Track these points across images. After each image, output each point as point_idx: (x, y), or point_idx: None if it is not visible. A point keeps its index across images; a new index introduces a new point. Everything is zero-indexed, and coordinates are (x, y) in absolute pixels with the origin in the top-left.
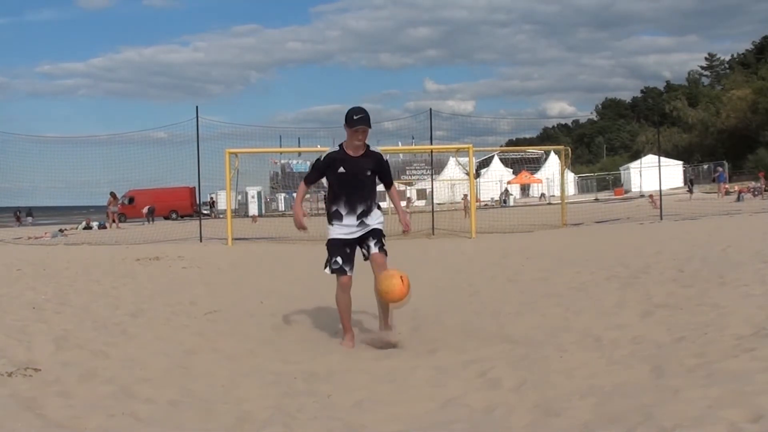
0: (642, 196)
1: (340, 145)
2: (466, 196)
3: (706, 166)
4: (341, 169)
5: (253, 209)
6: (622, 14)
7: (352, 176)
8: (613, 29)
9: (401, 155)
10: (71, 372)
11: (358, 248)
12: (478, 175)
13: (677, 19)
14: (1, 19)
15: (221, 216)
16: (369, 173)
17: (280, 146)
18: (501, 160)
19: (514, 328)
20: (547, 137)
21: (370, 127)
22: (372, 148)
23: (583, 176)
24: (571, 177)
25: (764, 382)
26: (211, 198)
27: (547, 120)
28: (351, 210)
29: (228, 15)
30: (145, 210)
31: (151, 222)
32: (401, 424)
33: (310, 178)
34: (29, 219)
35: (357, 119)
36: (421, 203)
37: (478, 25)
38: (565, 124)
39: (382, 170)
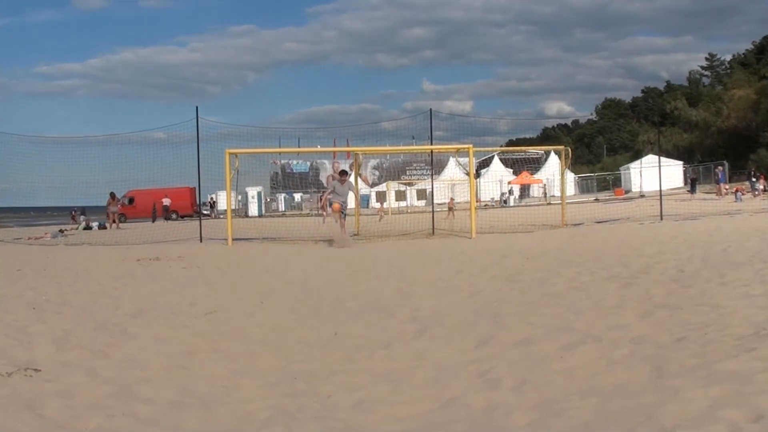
0: (642, 196)
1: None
2: (452, 198)
3: (702, 168)
4: None
5: (253, 209)
6: (618, 15)
7: None
8: (610, 29)
9: (401, 155)
10: (71, 372)
11: None
12: (478, 175)
13: (673, 20)
14: None
15: (221, 216)
16: None
17: (280, 146)
18: (501, 160)
19: (514, 327)
20: (547, 137)
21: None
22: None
23: (583, 176)
24: (571, 177)
25: (764, 382)
26: (211, 198)
27: (547, 120)
28: None
29: (224, 15)
30: (166, 202)
31: (164, 220)
32: (401, 424)
33: None
34: (82, 218)
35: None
36: (421, 203)
37: (475, 25)
38: (565, 124)
39: None
